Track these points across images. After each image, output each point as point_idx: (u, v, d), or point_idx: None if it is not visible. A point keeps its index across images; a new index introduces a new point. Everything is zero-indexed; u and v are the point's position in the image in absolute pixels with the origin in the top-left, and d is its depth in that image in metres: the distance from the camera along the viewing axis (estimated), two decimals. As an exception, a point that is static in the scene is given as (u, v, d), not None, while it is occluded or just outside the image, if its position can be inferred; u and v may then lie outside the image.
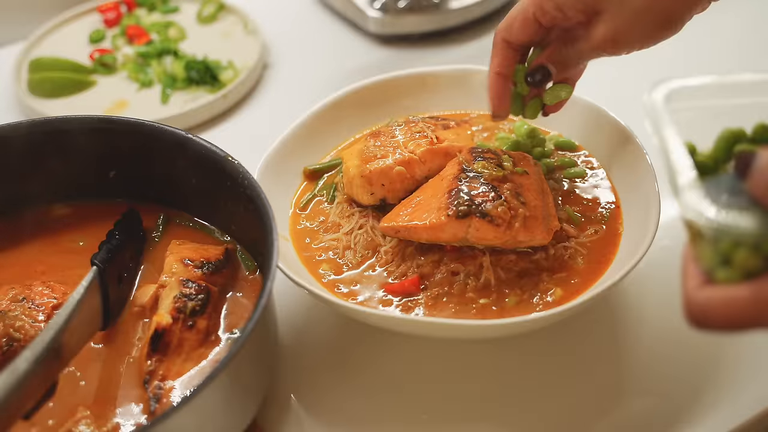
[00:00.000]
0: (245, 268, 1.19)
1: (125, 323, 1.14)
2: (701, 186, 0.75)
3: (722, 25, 1.73)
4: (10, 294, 1.12)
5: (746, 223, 0.71)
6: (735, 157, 0.80)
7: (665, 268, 1.28)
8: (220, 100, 1.66)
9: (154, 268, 1.21)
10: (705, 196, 0.74)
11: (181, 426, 0.92)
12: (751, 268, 0.72)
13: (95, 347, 1.11)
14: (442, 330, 1.13)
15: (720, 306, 0.73)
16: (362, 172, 1.26)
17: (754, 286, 0.72)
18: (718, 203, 0.73)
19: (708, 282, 0.75)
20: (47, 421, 1.02)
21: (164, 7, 1.91)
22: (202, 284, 1.11)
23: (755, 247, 0.72)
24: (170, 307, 1.08)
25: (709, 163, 0.84)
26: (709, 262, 0.75)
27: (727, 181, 0.76)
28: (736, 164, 0.75)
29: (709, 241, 0.74)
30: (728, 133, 0.85)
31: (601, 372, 1.17)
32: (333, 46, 1.85)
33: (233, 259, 1.20)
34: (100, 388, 1.07)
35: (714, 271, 0.75)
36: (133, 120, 1.23)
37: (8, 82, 1.77)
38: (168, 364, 1.05)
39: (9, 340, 1.07)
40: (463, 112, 1.47)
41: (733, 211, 0.72)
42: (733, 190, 0.74)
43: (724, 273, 0.74)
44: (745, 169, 0.73)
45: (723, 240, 0.73)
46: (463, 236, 1.16)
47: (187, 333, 1.07)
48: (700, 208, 0.73)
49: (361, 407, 1.15)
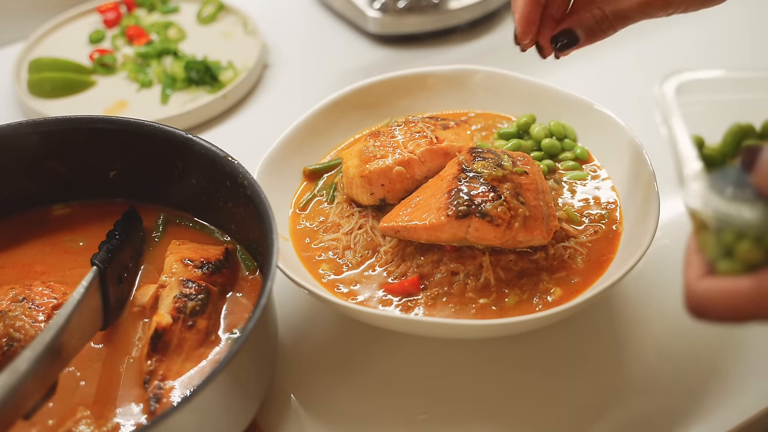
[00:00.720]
0: (245, 268, 1.19)
1: (125, 323, 1.14)
2: (707, 177, 0.75)
3: (728, 20, 1.73)
4: (10, 294, 1.12)
5: (750, 214, 0.71)
6: (742, 151, 0.80)
7: (665, 268, 1.28)
8: (220, 101, 1.66)
9: (153, 268, 1.21)
10: (710, 187, 0.74)
11: (181, 426, 0.92)
12: (754, 260, 0.73)
13: (95, 347, 1.11)
14: (442, 330, 1.13)
15: (721, 297, 0.73)
16: (362, 172, 1.26)
17: (756, 278, 0.72)
18: (723, 195, 0.73)
19: (710, 273, 0.75)
20: (47, 421, 1.02)
21: (164, 8, 1.91)
22: (202, 284, 1.11)
23: (758, 240, 0.72)
24: (170, 307, 1.08)
25: (717, 157, 0.84)
26: (712, 253, 0.75)
27: (733, 173, 0.76)
28: (742, 157, 0.76)
29: (713, 232, 0.74)
30: (737, 128, 0.85)
31: (601, 372, 1.17)
32: (333, 46, 1.85)
33: (233, 259, 1.20)
34: (100, 388, 1.07)
35: (716, 262, 0.75)
36: (133, 120, 1.23)
37: (8, 82, 1.77)
38: (168, 364, 1.05)
39: (9, 340, 1.07)
40: (463, 112, 1.47)
41: (738, 202, 0.72)
42: (739, 183, 0.75)
43: (727, 264, 0.74)
44: (751, 163, 0.74)
45: (726, 231, 0.73)
46: (463, 236, 1.16)
47: (187, 333, 1.07)
48: (705, 199, 0.73)
49: (361, 407, 1.15)
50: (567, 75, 1.62)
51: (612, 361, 1.19)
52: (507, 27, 1.83)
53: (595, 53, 1.58)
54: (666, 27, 1.75)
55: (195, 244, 1.21)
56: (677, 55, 1.72)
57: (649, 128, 1.38)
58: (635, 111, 1.41)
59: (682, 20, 1.26)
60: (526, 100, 1.42)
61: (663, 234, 1.32)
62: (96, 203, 1.29)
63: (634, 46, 1.71)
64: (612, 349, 1.20)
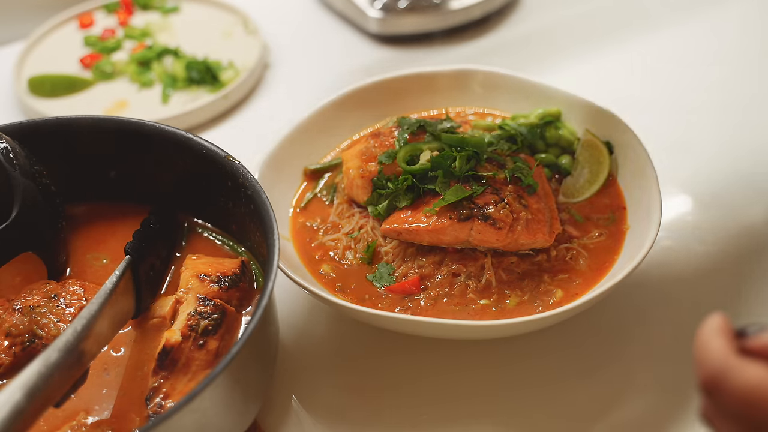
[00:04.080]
0: (257, 281, 1.17)
1: (144, 334, 1.12)
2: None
3: (724, 22, 1.73)
4: (44, 289, 1.12)
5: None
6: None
7: (667, 269, 1.28)
8: (220, 100, 1.66)
9: (172, 278, 1.20)
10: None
11: (182, 426, 0.92)
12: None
13: (114, 355, 1.10)
14: (442, 330, 1.13)
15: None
16: (363, 173, 1.26)
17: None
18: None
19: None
20: (48, 420, 1.02)
21: (164, 8, 1.91)
22: (218, 303, 1.08)
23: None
24: (183, 323, 1.05)
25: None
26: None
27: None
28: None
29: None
30: None
31: (602, 372, 1.17)
32: (333, 46, 1.84)
33: (249, 272, 1.18)
34: (106, 397, 1.06)
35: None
36: (133, 120, 1.22)
37: (8, 82, 1.77)
38: (173, 383, 1.03)
39: (31, 336, 1.07)
40: (463, 112, 1.47)
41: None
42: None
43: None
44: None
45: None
46: (465, 239, 1.16)
47: (196, 352, 1.04)
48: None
49: (362, 407, 1.15)
50: (567, 75, 1.62)
51: (613, 361, 1.19)
52: (507, 27, 1.82)
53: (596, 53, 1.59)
54: (668, 26, 1.75)
55: (211, 258, 1.18)
56: (678, 55, 1.71)
57: (650, 128, 1.38)
58: (636, 111, 1.41)
59: (683, 19, 1.27)
60: (526, 100, 1.42)
61: (665, 235, 1.32)
62: (96, 203, 1.28)
63: (635, 45, 1.71)
64: (613, 349, 1.20)
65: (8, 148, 1.14)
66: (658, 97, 1.55)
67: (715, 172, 1.45)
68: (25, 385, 0.87)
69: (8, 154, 1.13)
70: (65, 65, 1.77)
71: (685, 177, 1.43)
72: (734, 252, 1.31)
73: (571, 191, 1.30)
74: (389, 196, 1.22)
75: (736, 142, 1.48)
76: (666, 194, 1.21)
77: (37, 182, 1.16)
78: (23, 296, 1.12)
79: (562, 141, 1.35)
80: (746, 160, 1.46)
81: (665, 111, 1.57)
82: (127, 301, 1.09)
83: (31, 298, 1.11)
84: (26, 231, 1.15)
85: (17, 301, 1.11)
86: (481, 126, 1.39)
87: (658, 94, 1.50)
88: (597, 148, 1.32)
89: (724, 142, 1.50)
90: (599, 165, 1.31)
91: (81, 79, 1.73)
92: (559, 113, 1.38)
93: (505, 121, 1.37)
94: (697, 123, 1.53)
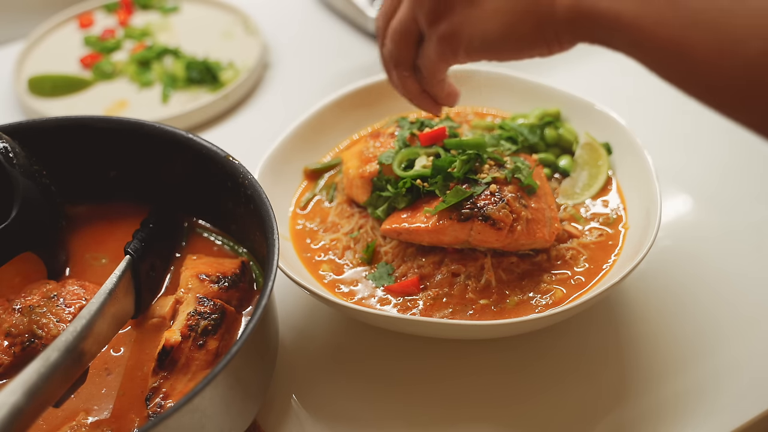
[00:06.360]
0: (257, 282, 1.17)
1: (144, 334, 1.12)
2: None
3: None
4: (44, 289, 1.12)
5: None
6: None
7: (667, 268, 1.28)
8: (220, 100, 1.66)
9: (172, 278, 1.20)
10: None
11: (182, 426, 0.92)
12: None
13: (114, 355, 1.10)
14: (442, 330, 1.13)
15: None
16: (362, 173, 1.26)
17: None
18: None
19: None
20: (47, 420, 1.02)
21: (164, 8, 1.91)
22: (218, 303, 1.08)
23: None
24: (183, 323, 1.06)
25: None
26: None
27: None
28: None
29: None
30: None
31: (602, 372, 1.17)
32: (333, 46, 1.85)
33: (249, 273, 1.18)
34: (106, 397, 1.05)
35: None
36: (133, 120, 1.22)
37: (8, 82, 1.77)
38: (173, 383, 1.03)
39: (30, 336, 1.07)
40: (462, 112, 1.46)
41: None
42: None
43: None
44: None
45: None
46: (465, 239, 1.16)
47: (196, 352, 1.04)
48: None
49: (362, 407, 1.15)
50: (568, 75, 1.62)
51: (613, 362, 1.19)
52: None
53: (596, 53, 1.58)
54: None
55: (211, 258, 1.18)
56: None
57: (650, 128, 1.38)
58: (636, 111, 1.41)
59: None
60: (526, 100, 1.42)
61: (665, 234, 1.32)
62: (96, 204, 1.28)
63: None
64: (613, 349, 1.20)
65: (8, 148, 1.14)
66: (657, 97, 1.55)
67: (715, 171, 1.45)
68: (24, 384, 0.87)
69: (8, 154, 1.13)
70: (65, 65, 1.77)
71: (684, 177, 1.43)
72: (734, 252, 1.31)
73: (571, 192, 1.30)
74: (389, 199, 1.22)
75: (736, 141, 1.48)
76: (666, 194, 1.21)
77: (37, 182, 1.16)
78: (23, 296, 1.12)
79: (561, 141, 1.35)
80: (746, 160, 1.46)
81: (665, 111, 1.57)
82: (126, 301, 1.09)
83: (31, 298, 1.11)
84: (26, 231, 1.15)
85: (17, 301, 1.11)
86: (481, 126, 1.39)
87: (657, 94, 1.50)
88: (596, 150, 1.32)
89: (724, 141, 1.50)
90: (598, 167, 1.31)
91: (81, 79, 1.73)
92: (558, 113, 1.38)
93: (505, 121, 1.37)
94: (697, 123, 1.53)
